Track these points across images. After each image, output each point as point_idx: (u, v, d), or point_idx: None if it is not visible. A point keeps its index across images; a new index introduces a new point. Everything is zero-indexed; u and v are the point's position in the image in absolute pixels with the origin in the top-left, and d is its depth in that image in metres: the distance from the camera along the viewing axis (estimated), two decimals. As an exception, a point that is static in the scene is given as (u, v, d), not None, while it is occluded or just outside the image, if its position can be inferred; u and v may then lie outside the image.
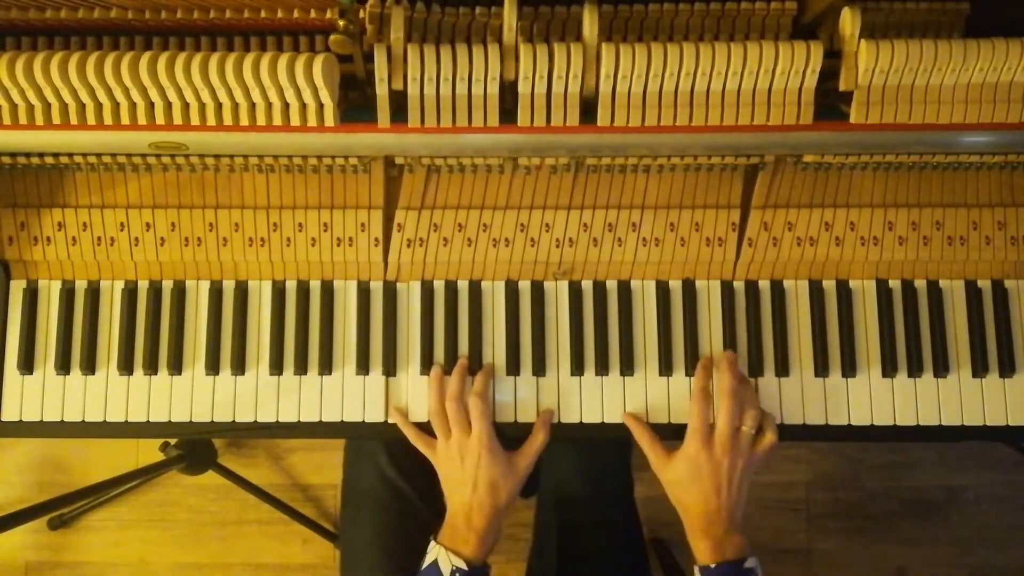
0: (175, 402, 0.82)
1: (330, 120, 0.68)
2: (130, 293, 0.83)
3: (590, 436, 0.82)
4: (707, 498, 0.74)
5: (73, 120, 0.69)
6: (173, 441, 1.34)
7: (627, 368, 0.81)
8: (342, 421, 0.81)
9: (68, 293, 0.83)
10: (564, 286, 0.83)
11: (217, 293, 0.83)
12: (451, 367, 0.81)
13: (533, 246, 0.81)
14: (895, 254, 0.81)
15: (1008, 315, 0.82)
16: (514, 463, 0.79)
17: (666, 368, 0.81)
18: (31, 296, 0.83)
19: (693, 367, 0.81)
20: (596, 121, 0.68)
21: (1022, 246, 0.81)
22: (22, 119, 0.69)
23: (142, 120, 0.68)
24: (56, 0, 0.68)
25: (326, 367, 0.82)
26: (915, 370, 0.81)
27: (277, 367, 0.82)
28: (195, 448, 1.38)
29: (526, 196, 0.81)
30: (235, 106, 0.68)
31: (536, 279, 0.83)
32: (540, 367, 0.81)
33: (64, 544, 1.58)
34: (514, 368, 0.81)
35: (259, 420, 0.82)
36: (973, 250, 0.81)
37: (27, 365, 0.82)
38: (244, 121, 0.68)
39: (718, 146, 0.72)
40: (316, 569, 1.57)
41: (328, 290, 0.83)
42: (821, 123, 0.69)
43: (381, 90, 0.67)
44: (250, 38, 0.73)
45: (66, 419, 0.82)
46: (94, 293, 0.83)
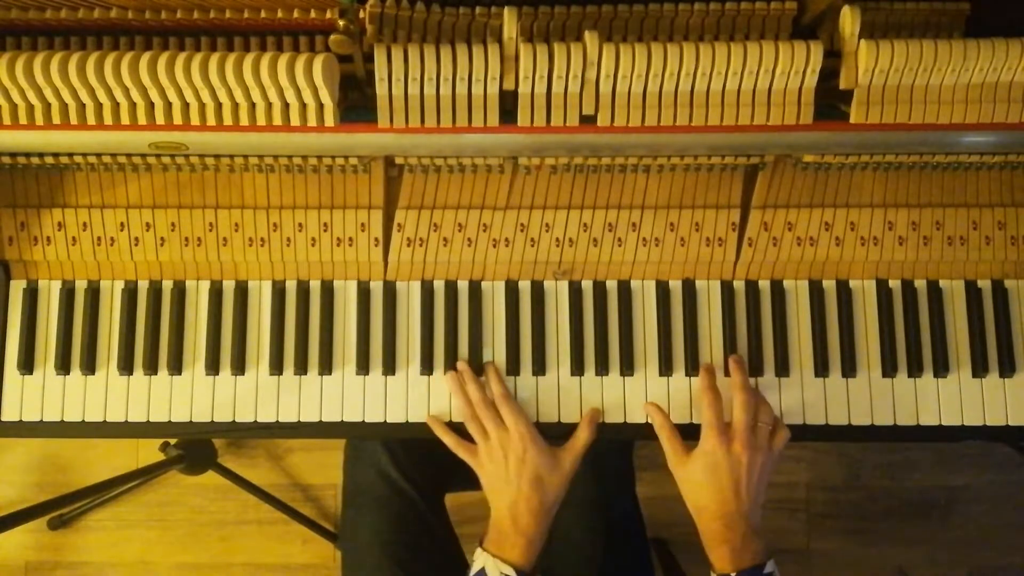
0: (175, 402, 0.82)
1: (330, 120, 0.68)
2: (130, 293, 0.83)
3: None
4: (724, 498, 0.72)
5: (73, 120, 0.69)
6: (173, 441, 1.34)
7: (627, 368, 0.81)
8: (342, 421, 0.81)
9: (68, 293, 0.83)
10: (564, 286, 0.83)
11: (217, 293, 0.83)
12: (451, 367, 0.81)
13: (533, 246, 0.81)
14: (895, 254, 0.81)
15: (1008, 315, 0.82)
16: (560, 459, 0.76)
17: (666, 368, 0.81)
18: (31, 296, 0.83)
19: (693, 367, 0.81)
20: (596, 121, 0.68)
21: (1022, 246, 0.81)
22: (22, 119, 0.69)
23: (142, 120, 0.68)
24: (56, 0, 0.68)
25: (326, 367, 0.82)
26: (915, 370, 0.81)
27: (277, 367, 0.82)
28: (195, 448, 1.38)
29: (526, 196, 0.81)
30: (235, 106, 0.68)
31: (536, 279, 0.83)
32: (540, 367, 0.81)
33: (64, 544, 1.58)
34: (514, 368, 0.81)
35: (259, 420, 0.82)
36: (973, 250, 0.81)
37: (27, 365, 0.82)
38: (244, 121, 0.68)
39: (718, 146, 0.72)
40: (316, 569, 1.57)
41: (328, 290, 0.83)
42: (821, 123, 0.69)
43: (381, 90, 0.67)
44: (250, 38, 0.73)
45: (66, 419, 0.82)
46: (94, 293, 0.83)
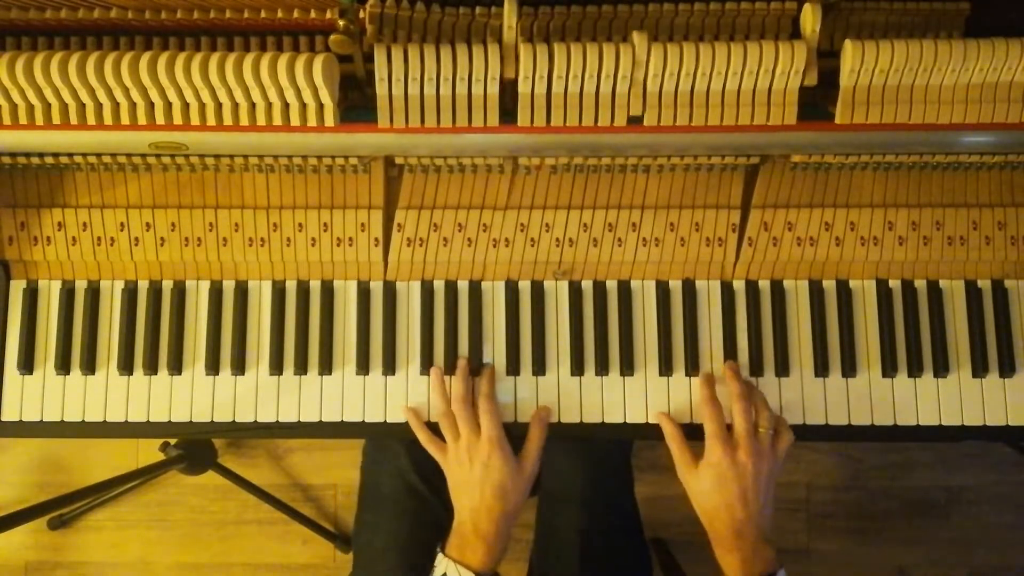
0: (175, 402, 0.82)
1: (330, 120, 0.68)
2: (130, 293, 0.83)
3: (590, 436, 0.82)
4: (733, 507, 0.72)
5: (73, 120, 0.69)
6: (173, 441, 1.34)
7: (627, 368, 0.81)
8: (342, 421, 0.81)
9: (68, 293, 0.83)
10: (564, 286, 0.83)
11: (217, 293, 0.83)
12: (451, 367, 0.81)
13: (533, 246, 0.81)
14: (895, 254, 0.81)
15: (1008, 315, 0.82)
16: (521, 466, 0.77)
17: (666, 368, 0.81)
18: (31, 296, 0.83)
19: (693, 367, 0.81)
20: (596, 121, 0.68)
21: (1022, 246, 0.81)
22: (22, 119, 0.69)
23: (142, 120, 0.68)
24: (56, 0, 0.68)
25: (326, 367, 0.82)
26: (915, 370, 0.81)
27: (277, 367, 0.82)
28: (195, 448, 1.38)
29: (526, 196, 0.81)
30: (235, 106, 0.68)
31: (536, 279, 0.83)
32: (540, 367, 0.81)
33: (64, 544, 1.58)
34: (514, 368, 0.81)
35: (259, 420, 0.82)
36: (973, 250, 0.81)
37: (27, 365, 0.82)
38: (244, 121, 0.68)
39: (718, 146, 0.72)
40: (316, 569, 1.57)
41: (328, 290, 0.83)
42: (821, 123, 0.69)
43: (381, 90, 0.67)
44: (250, 38, 0.73)
45: (66, 419, 0.82)
46: (94, 293, 0.83)
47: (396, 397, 0.82)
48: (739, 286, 0.82)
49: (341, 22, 0.65)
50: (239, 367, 0.82)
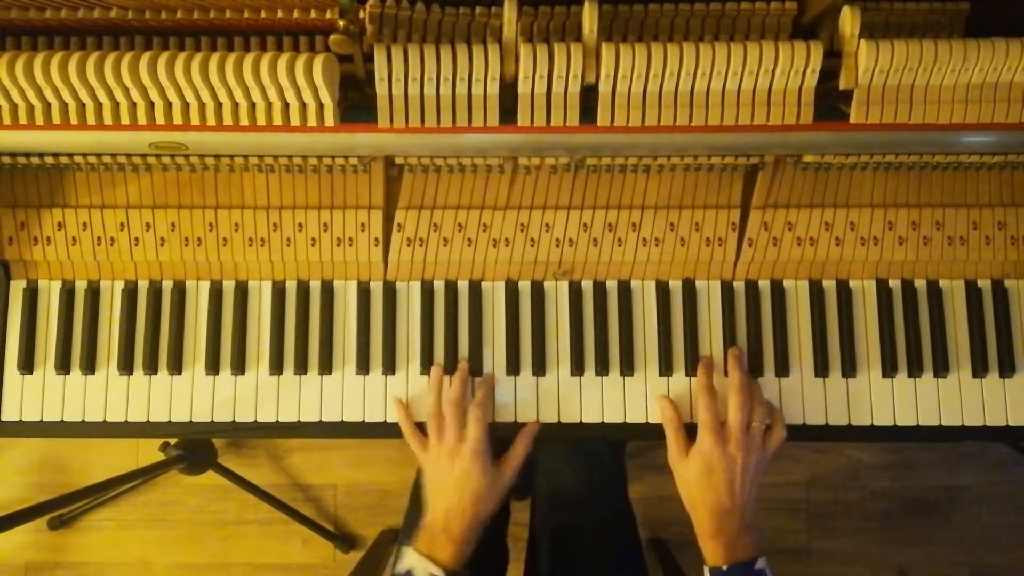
0: (175, 402, 0.82)
1: (330, 120, 0.68)
2: (130, 293, 0.83)
3: (590, 436, 0.82)
4: (719, 496, 0.73)
5: (73, 120, 0.69)
6: (173, 441, 1.34)
7: (627, 368, 0.81)
8: (342, 421, 0.81)
9: (68, 293, 0.83)
10: (564, 286, 0.83)
11: (217, 293, 0.83)
12: (451, 367, 0.81)
13: (533, 246, 0.81)
14: (895, 254, 0.81)
15: (1008, 315, 0.82)
16: (500, 473, 0.78)
17: (666, 368, 0.81)
18: (31, 296, 0.83)
19: (693, 367, 0.81)
20: (596, 121, 0.68)
21: (1022, 246, 0.81)
22: (22, 119, 0.69)
23: (142, 120, 0.68)
24: (57, 0, 0.68)
25: (326, 367, 0.82)
26: (915, 370, 0.81)
27: (277, 367, 0.82)
28: (195, 448, 1.38)
29: (526, 196, 0.81)
30: (235, 106, 0.68)
31: (536, 279, 0.83)
32: (540, 367, 0.81)
33: (64, 544, 1.58)
34: (514, 368, 0.81)
35: (259, 420, 0.82)
36: (973, 250, 0.81)
37: (27, 365, 0.82)
38: (244, 121, 0.68)
39: (718, 146, 0.72)
40: (316, 569, 1.57)
41: (328, 290, 0.83)
42: (821, 123, 0.69)
43: (381, 90, 0.67)
44: (250, 38, 0.73)
45: (66, 419, 0.82)
46: (94, 293, 0.83)
47: (397, 397, 0.82)
48: (739, 286, 0.82)
49: (341, 22, 0.65)
50: (239, 367, 0.82)
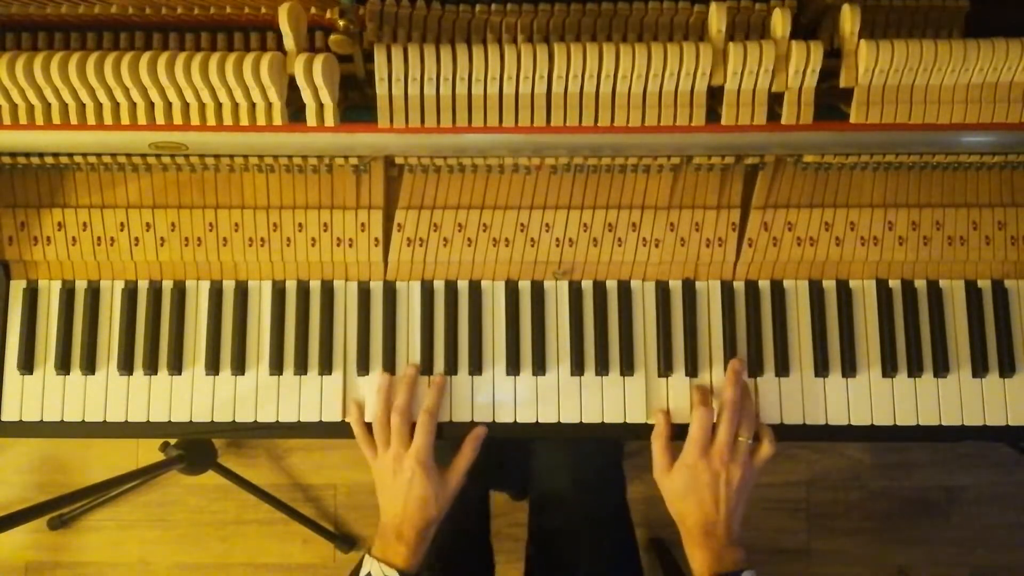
0: (175, 402, 0.82)
1: (330, 120, 0.68)
2: (130, 293, 0.83)
3: (590, 436, 0.82)
4: (705, 509, 0.74)
5: (73, 120, 0.69)
6: (173, 441, 1.34)
7: (627, 368, 0.81)
8: (342, 421, 0.81)
9: (68, 293, 0.83)
10: (564, 286, 0.83)
11: (217, 293, 0.83)
12: (452, 367, 0.81)
13: (533, 246, 0.81)
14: (895, 254, 0.81)
15: (1008, 315, 0.82)
16: (446, 480, 0.79)
17: (666, 368, 0.81)
18: (31, 296, 0.83)
19: (693, 367, 0.81)
20: (596, 121, 0.68)
21: (1022, 246, 0.81)
22: (22, 119, 0.69)
23: (142, 120, 0.68)
24: None
25: (326, 367, 0.82)
26: (915, 370, 0.81)
27: (277, 367, 0.82)
28: (195, 448, 1.38)
29: (526, 196, 0.81)
30: (235, 106, 0.68)
31: (536, 279, 0.83)
32: (540, 367, 0.81)
33: (64, 544, 1.58)
34: (514, 368, 0.81)
35: (259, 420, 0.82)
36: (973, 250, 0.81)
37: (27, 365, 0.82)
38: (244, 121, 0.68)
39: (718, 146, 0.72)
40: (316, 569, 1.57)
41: (328, 290, 0.83)
42: (821, 123, 0.69)
43: (381, 90, 0.67)
44: (250, 35, 0.73)
45: (66, 419, 0.82)
46: (94, 293, 0.83)
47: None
48: (739, 286, 0.82)
49: (341, 22, 0.65)
50: (239, 367, 0.82)
